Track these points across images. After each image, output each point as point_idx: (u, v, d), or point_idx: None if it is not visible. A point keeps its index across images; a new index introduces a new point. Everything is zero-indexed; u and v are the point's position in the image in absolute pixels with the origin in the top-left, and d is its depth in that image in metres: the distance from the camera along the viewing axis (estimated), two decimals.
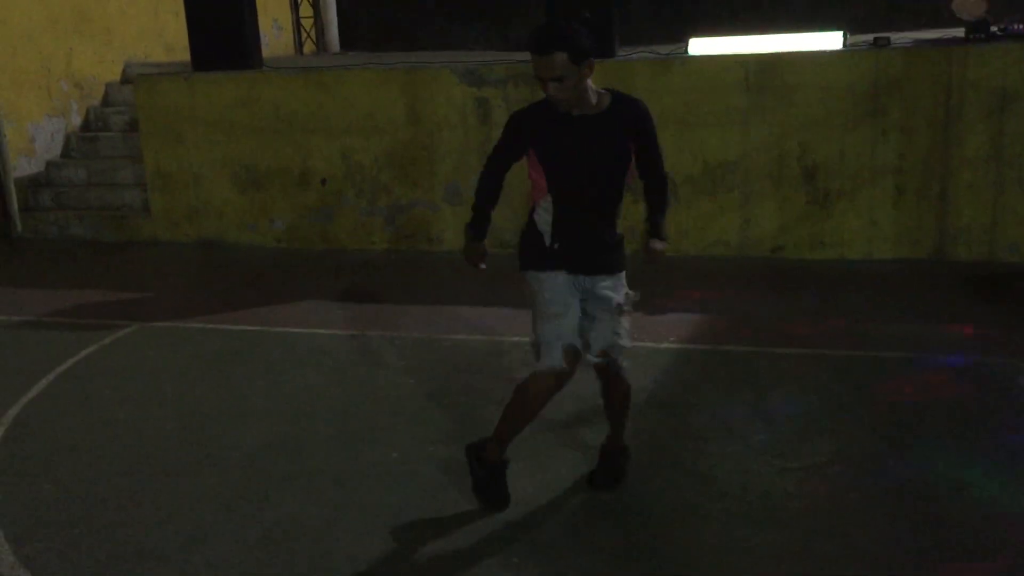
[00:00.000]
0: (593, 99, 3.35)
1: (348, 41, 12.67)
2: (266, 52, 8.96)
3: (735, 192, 7.11)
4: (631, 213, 4.31)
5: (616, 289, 3.51)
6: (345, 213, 7.95)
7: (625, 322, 3.55)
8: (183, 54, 8.89)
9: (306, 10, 12.51)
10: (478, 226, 3.77)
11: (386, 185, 7.82)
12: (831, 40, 7.18)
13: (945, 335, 5.35)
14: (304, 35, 12.48)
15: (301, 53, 12.40)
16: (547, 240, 3.52)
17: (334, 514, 3.71)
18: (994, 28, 7.07)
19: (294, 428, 4.49)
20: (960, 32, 7.18)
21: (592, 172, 3.39)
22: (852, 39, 7.42)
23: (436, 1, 12.09)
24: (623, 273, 3.57)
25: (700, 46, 7.39)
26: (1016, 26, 7.26)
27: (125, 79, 9.64)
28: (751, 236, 7.17)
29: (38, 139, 9.00)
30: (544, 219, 3.52)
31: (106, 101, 9.59)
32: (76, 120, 9.35)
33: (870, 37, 7.29)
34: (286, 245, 8.11)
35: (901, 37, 7.54)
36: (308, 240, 8.07)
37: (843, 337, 5.36)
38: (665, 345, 5.34)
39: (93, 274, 7.59)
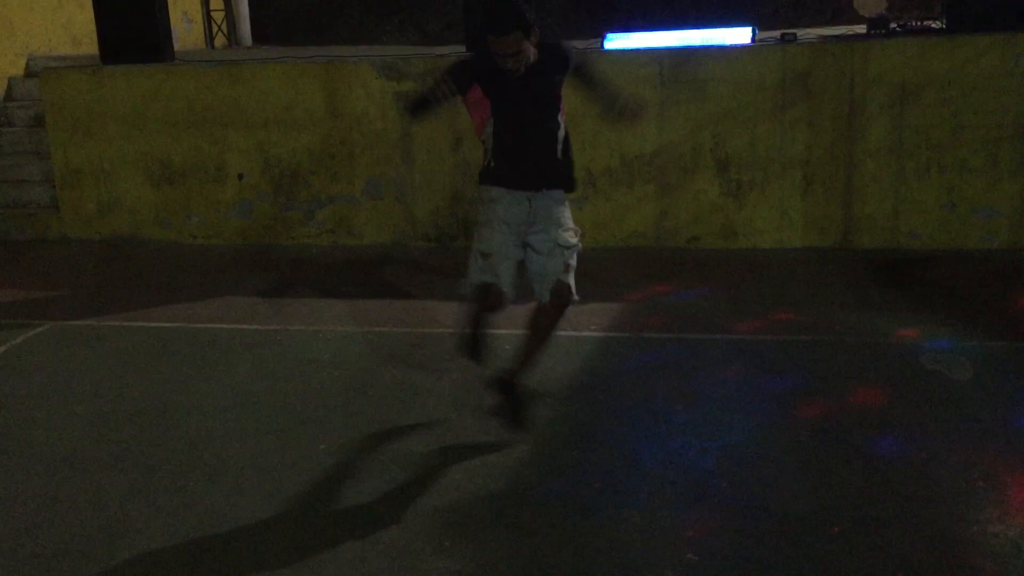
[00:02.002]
0: (531, 57, 3.80)
1: (260, 35, 12.50)
2: (176, 46, 8.78)
3: (651, 184, 7.28)
4: None
5: (559, 212, 3.98)
6: (263, 208, 7.86)
7: (570, 261, 3.98)
8: (90, 47, 8.66)
9: (216, 3, 12.29)
10: (416, 109, 3.96)
11: (305, 180, 7.76)
12: (740, 35, 7.39)
13: (852, 318, 5.58)
14: (215, 28, 12.26)
15: (212, 47, 12.17)
16: (488, 160, 4.02)
17: (264, 506, 3.70)
18: (893, 24, 7.39)
19: (218, 423, 4.46)
20: (862, 28, 7.49)
21: (531, 113, 3.91)
22: (760, 35, 7.66)
23: None
24: (565, 204, 4.04)
25: (615, 41, 7.54)
26: (914, 22, 7.61)
27: (29, 72, 9.34)
28: (667, 227, 7.35)
29: None
30: (489, 145, 4.02)
31: (9, 96, 9.27)
32: None
33: (777, 33, 7.54)
34: (203, 241, 7.99)
35: (807, 33, 7.81)
36: (225, 236, 7.96)
37: (757, 323, 5.55)
38: (586, 333, 5.44)
39: (2, 273, 7.35)
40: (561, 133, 4.00)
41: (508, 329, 4.94)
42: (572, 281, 4.00)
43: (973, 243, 6.94)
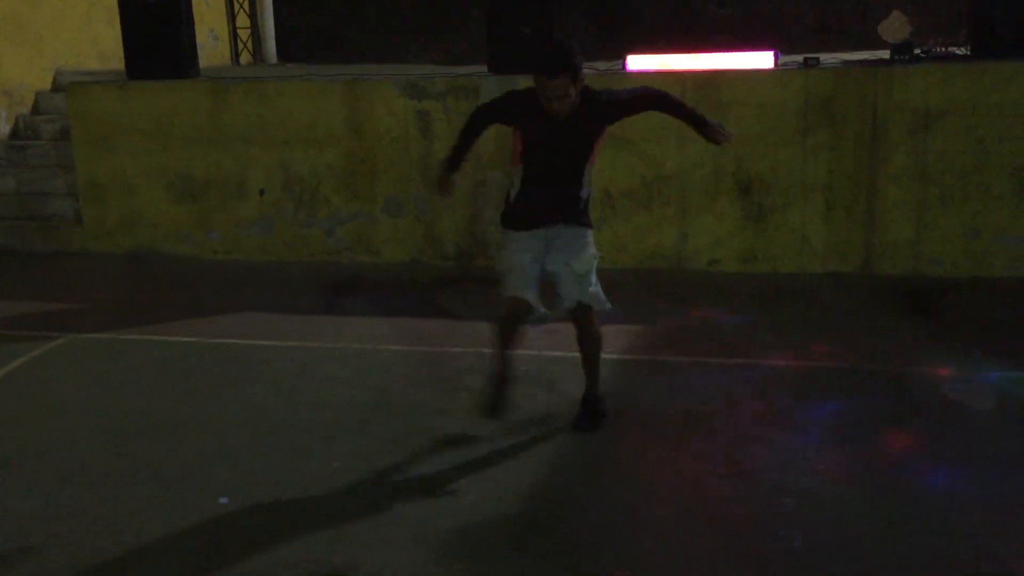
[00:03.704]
0: (576, 102, 3.86)
1: (286, 52, 12.58)
2: (202, 63, 8.85)
3: (672, 206, 7.25)
4: None
5: (576, 241, 4.08)
6: (284, 225, 7.89)
7: (591, 278, 4.11)
8: (117, 63, 8.75)
9: (243, 20, 12.40)
10: (452, 161, 4.23)
11: (326, 197, 7.78)
12: (763, 59, 7.37)
13: (873, 346, 5.52)
14: (241, 46, 12.36)
15: (238, 63, 12.27)
16: (511, 197, 4.15)
17: (277, 524, 3.69)
18: (917, 50, 7.34)
19: (233, 439, 4.45)
20: (886, 54, 7.44)
21: (560, 157, 3.99)
22: (783, 59, 7.63)
23: (376, 14, 12.08)
24: (587, 231, 4.15)
25: (638, 62, 7.54)
26: (938, 48, 7.56)
27: (56, 87, 9.45)
28: (687, 249, 7.31)
29: None
30: (515, 184, 4.12)
31: (36, 109, 9.38)
32: (5, 128, 9.12)
33: (800, 57, 7.51)
34: (223, 257, 8.02)
35: (830, 58, 7.78)
36: (245, 251, 7.99)
37: (776, 348, 5.50)
38: (603, 356, 5.39)
39: (22, 285, 7.41)
40: (585, 187, 4.07)
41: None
42: (594, 295, 4.15)
43: (997, 271, 6.86)
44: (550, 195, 4.06)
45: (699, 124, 4.14)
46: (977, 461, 4.07)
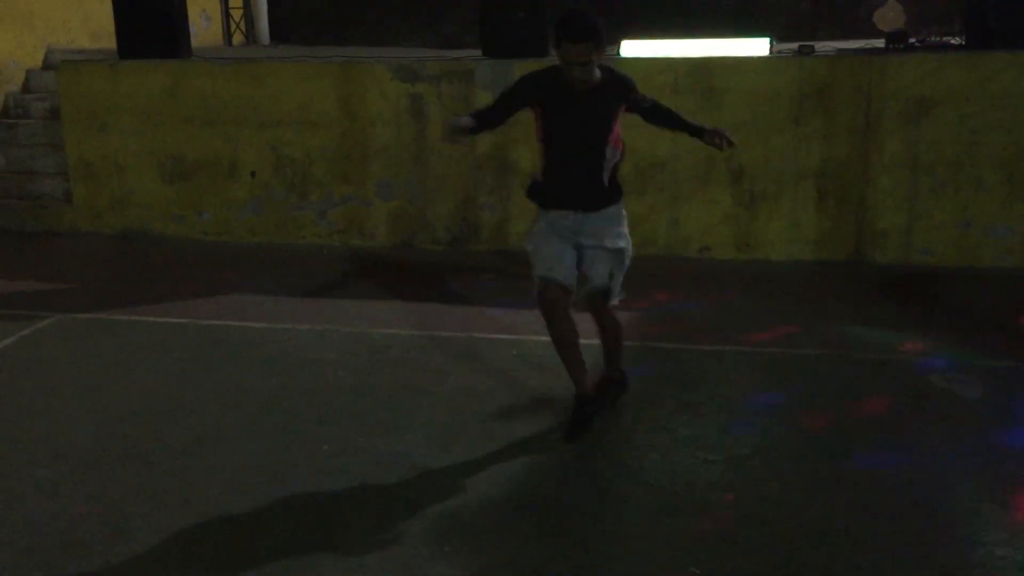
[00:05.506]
0: (596, 75, 3.89)
1: (278, 33, 12.51)
2: (194, 43, 8.80)
3: (664, 193, 7.25)
4: None
5: (609, 228, 4.08)
6: (275, 207, 7.87)
7: (618, 268, 4.11)
8: (109, 41, 8.68)
9: (236, 1, 12.31)
10: (474, 122, 4.02)
11: (318, 179, 7.76)
12: (758, 46, 7.36)
13: (862, 333, 5.54)
14: (233, 26, 12.29)
15: (230, 44, 12.19)
16: (538, 175, 4.14)
17: (264, 507, 3.69)
18: (912, 39, 7.35)
19: (222, 421, 4.45)
20: (880, 42, 7.45)
21: (581, 136, 4.01)
22: (778, 46, 7.63)
23: None
24: (621, 216, 4.16)
25: (631, 48, 7.52)
26: (933, 38, 7.57)
27: (47, 65, 9.38)
28: (679, 236, 7.31)
29: None
30: (539, 161, 4.11)
31: (26, 88, 9.30)
32: None
33: (795, 45, 7.51)
34: (213, 238, 7.99)
35: (825, 46, 7.78)
36: (236, 233, 7.96)
37: (765, 335, 5.52)
38: (594, 341, 5.41)
39: (12, 264, 7.37)
40: (609, 160, 4.04)
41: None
42: (613, 286, 4.13)
43: (987, 262, 6.88)
44: (574, 171, 4.04)
45: (698, 133, 4.20)
46: (961, 450, 4.09)
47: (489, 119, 4.05)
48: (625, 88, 4.05)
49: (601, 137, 4.01)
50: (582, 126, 3.98)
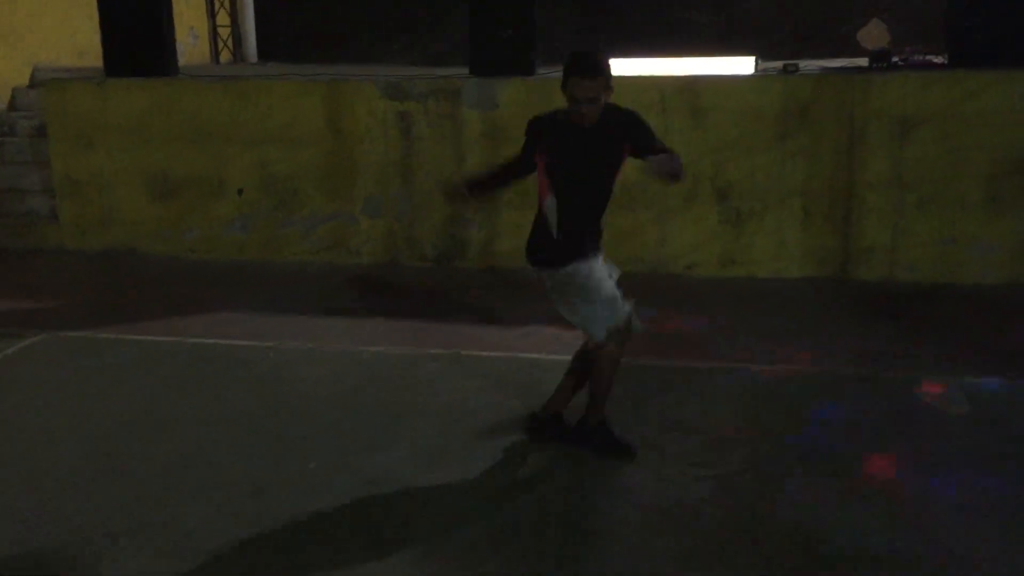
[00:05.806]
0: (598, 115, 3.92)
1: (266, 51, 12.52)
2: (182, 60, 8.81)
3: (650, 210, 7.27)
4: None
5: (610, 269, 4.20)
6: (262, 224, 7.86)
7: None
8: (95, 59, 8.68)
9: (223, 19, 12.33)
10: (479, 185, 4.24)
11: (304, 197, 7.75)
12: (743, 65, 7.42)
13: (848, 350, 5.56)
14: (221, 44, 12.30)
15: (218, 62, 12.20)
16: (554, 234, 4.04)
17: (251, 525, 3.67)
18: (895, 58, 7.42)
19: (208, 439, 4.43)
20: (864, 61, 7.51)
21: (590, 176, 4.01)
22: (763, 65, 7.68)
23: (357, 14, 12.05)
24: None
25: (618, 67, 7.54)
26: (916, 57, 7.64)
27: (34, 83, 9.36)
28: (666, 253, 7.34)
29: None
30: (551, 217, 4.03)
31: (13, 105, 9.27)
32: None
33: (780, 63, 7.56)
34: (200, 256, 7.97)
35: (809, 64, 7.84)
36: (223, 251, 7.94)
37: (752, 352, 5.53)
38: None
39: None
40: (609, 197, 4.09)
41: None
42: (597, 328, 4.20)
43: (971, 278, 6.92)
44: (589, 208, 4.06)
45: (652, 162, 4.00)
46: (947, 465, 4.11)
47: (512, 170, 4.18)
48: (630, 126, 4.01)
49: (608, 172, 4.02)
50: (590, 161, 3.97)
